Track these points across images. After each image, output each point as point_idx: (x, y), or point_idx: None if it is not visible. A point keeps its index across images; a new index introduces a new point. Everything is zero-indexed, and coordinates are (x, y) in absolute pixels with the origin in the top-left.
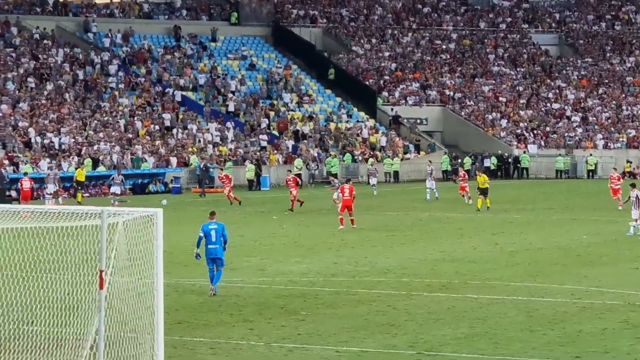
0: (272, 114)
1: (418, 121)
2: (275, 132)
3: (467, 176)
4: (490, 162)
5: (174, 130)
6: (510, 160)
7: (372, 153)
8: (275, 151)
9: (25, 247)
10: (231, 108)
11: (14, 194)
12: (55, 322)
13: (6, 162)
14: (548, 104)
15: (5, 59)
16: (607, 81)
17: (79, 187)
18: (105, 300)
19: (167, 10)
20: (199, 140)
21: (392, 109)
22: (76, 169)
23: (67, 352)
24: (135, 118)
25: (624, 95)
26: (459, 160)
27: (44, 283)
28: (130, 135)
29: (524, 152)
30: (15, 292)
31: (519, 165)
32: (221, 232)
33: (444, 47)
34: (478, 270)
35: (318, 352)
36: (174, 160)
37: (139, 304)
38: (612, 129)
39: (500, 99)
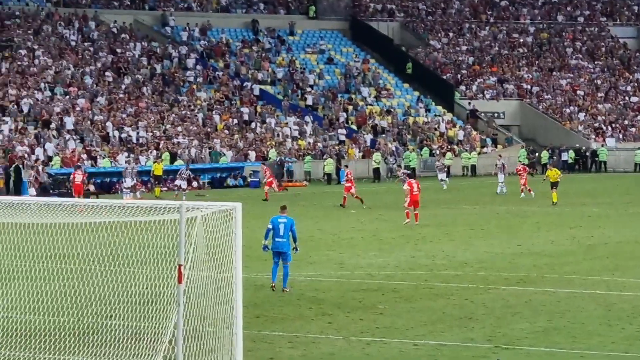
0: (350, 108)
1: (495, 115)
2: (354, 126)
3: (526, 170)
4: (568, 156)
5: (253, 124)
6: (588, 153)
7: (449, 147)
8: (354, 145)
9: (104, 241)
10: (309, 102)
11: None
12: (134, 316)
13: (84, 156)
14: (626, 97)
15: (83, 53)
16: None
17: (157, 182)
18: (184, 294)
19: (245, 4)
20: (278, 134)
21: (469, 103)
22: (154, 163)
23: (146, 346)
24: (214, 112)
25: None
26: (536, 154)
27: (122, 277)
28: (209, 129)
29: (602, 146)
30: (95, 286)
31: (596, 158)
32: (290, 227)
33: (521, 40)
34: (556, 264)
35: (396, 345)
36: (252, 154)
37: (217, 298)
38: None
39: (578, 92)
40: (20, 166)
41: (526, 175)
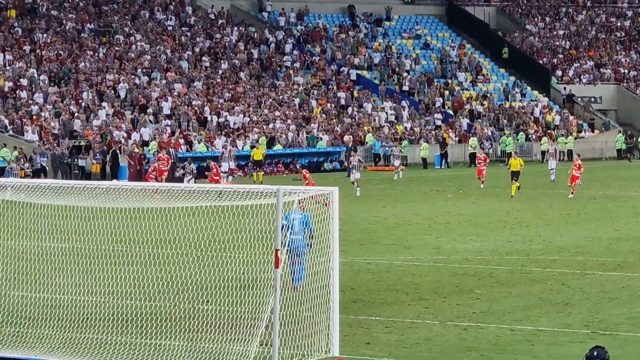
0: (446, 93)
1: (592, 100)
2: (450, 111)
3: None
4: None
5: (349, 109)
6: None
7: (545, 132)
8: (450, 130)
9: (200, 226)
10: (406, 87)
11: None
12: (230, 301)
13: (181, 141)
14: None
15: (180, 38)
16: None
17: (256, 167)
18: (281, 279)
19: None
20: (375, 119)
21: (565, 88)
22: (251, 147)
23: (242, 332)
24: (311, 97)
25: None
26: (634, 139)
27: (219, 262)
28: (306, 114)
29: None
30: (191, 271)
31: None
32: (306, 222)
33: (618, 24)
34: None
35: (492, 330)
36: (349, 139)
37: (314, 282)
38: None
39: None
40: (118, 151)
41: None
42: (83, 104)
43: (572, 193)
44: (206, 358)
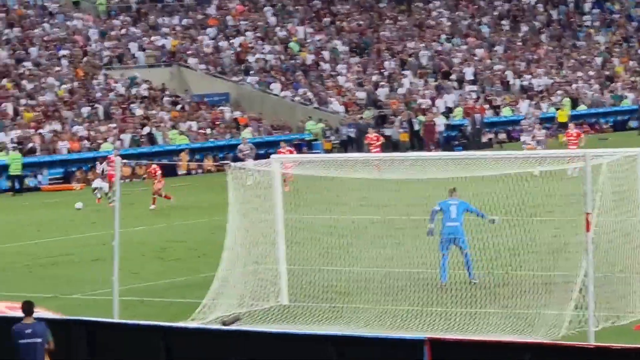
0: None
1: None
2: None
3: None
4: None
5: None
6: None
7: None
8: None
9: (509, 193)
10: None
11: None
12: (542, 267)
13: (486, 106)
14: None
15: (478, 2)
16: None
17: (561, 128)
18: (592, 242)
19: None
20: None
21: None
22: (556, 109)
23: (556, 296)
24: (612, 55)
25: None
26: None
27: (529, 227)
28: (608, 73)
29: None
30: (503, 238)
31: None
32: (464, 208)
33: None
34: None
35: None
36: None
37: (625, 244)
38: None
39: None
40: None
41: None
42: (386, 73)
43: None
44: (521, 324)
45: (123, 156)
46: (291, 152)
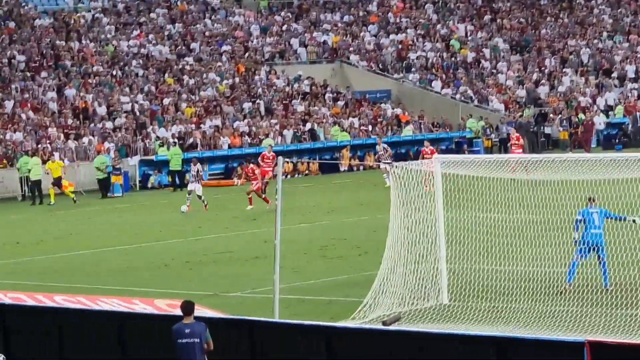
0: None
1: None
2: None
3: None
4: None
5: None
6: None
7: None
8: None
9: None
10: None
11: None
12: None
13: None
14: None
15: None
16: None
17: None
18: None
19: None
20: None
21: None
22: None
23: None
24: None
25: None
26: None
27: None
28: None
29: None
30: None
31: None
32: (605, 215)
33: None
34: None
35: None
36: None
37: None
38: None
39: None
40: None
41: None
42: (546, 71)
43: None
44: None
45: (282, 153)
46: (433, 152)
